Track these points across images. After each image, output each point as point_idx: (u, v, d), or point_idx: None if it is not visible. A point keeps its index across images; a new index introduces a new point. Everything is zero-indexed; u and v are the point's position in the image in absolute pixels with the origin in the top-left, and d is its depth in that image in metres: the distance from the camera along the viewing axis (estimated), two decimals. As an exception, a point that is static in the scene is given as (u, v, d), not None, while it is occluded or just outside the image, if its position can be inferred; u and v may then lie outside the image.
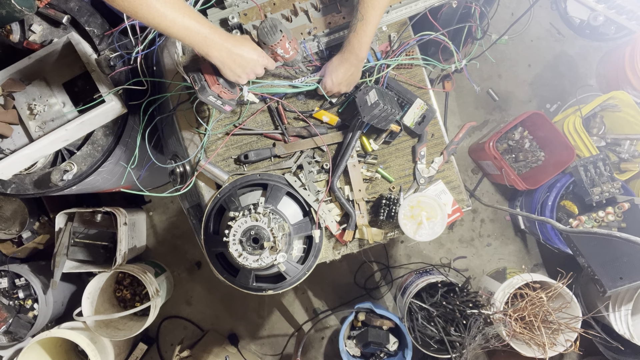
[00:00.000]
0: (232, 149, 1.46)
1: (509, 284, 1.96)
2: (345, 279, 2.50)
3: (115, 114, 1.46)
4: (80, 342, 1.99)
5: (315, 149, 1.44)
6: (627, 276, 1.72)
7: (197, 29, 1.06)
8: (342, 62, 1.29)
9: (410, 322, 1.97)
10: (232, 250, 1.25)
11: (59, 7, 1.47)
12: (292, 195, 1.42)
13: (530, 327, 1.82)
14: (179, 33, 1.05)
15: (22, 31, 1.50)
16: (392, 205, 1.37)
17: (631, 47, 2.15)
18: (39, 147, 1.40)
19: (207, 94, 1.18)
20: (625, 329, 1.94)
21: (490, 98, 2.56)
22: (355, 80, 1.36)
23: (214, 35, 1.08)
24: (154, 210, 2.56)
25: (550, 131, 2.19)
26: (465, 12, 1.51)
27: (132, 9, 0.99)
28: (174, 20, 1.02)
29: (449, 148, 1.45)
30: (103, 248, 2.21)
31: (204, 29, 1.07)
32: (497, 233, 2.53)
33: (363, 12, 1.20)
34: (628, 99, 2.14)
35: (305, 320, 2.49)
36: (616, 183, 2.02)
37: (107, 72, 1.44)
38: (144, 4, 0.98)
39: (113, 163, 1.57)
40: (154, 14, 1.00)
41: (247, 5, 1.40)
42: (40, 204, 2.26)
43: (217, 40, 1.09)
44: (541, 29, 2.58)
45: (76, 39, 1.43)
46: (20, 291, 2.17)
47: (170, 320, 2.53)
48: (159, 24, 1.03)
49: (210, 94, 1.18)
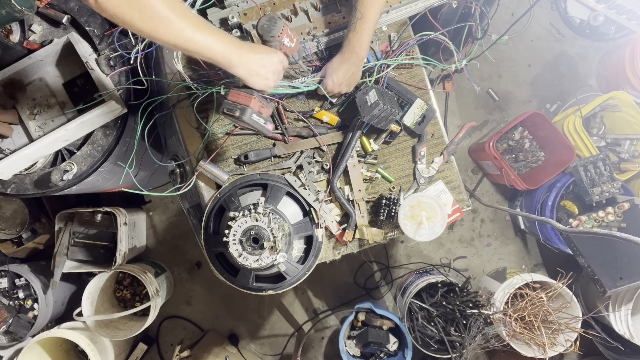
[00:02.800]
0: (232, 149, 1.46)
1: (509, 284, 1.96)
2: (345, 279, 2.50)
3: (115, 114, 1.46)
4: (80, 342, 1.99)
5: (315, 149, 1.44)
6: (627, 276, 1.73)
7: (217, 46, 1.02)
8: (343, 62, 1.29)
9: (410, 322, 1.97)
10: (232, 250, 1.25)
11: (59, 7, 1.47)
12: (292, 195, 1.42)
13: (530, 327, 1.82)
14: (201, 52, 1.02)
15: (22, 31, 1.49)
16: (392, 205, 1.37)
17: (631, 47, 2.15)
18: (39, 147, 1.40)
19: (250, 113, 1.11)
20: (625, 329, 1.94)
21: (490, 98, 2.56)
22: (356, 80, 1.36)
23: (234, 47, 1.05)
24: (154, 210, 2.56)
25: (550, 131, 2.19)
26: (465, 12, 1.51)
27: (150, 29, 0.94)
28: (192, 40, 0.99)
29: (449, 148, 1.45)
30: (103, 248, 2.21)
31: (224, 45, 1.03)
32: (497, 233, 2.53)
33: (362, 10, 1.20)
34: (628, 99, 2.14)
35: (305, 320, 2.49)
36: (616, 183, 2.02)
37: (107, 72, 1.44)
38: (163, 23, 0.94)
39: (113, 163, 1.57)
40: (173, 33, 0.96)
41: (246, 5, 1.40)
42: (40, 204, 2.26)
43: (238, 52, 1.06)
44: (541, 29, 2.58)
45: (76, 39, 1.43)
46: (20, 291, 2.17)
47: (170, 320, 2.53)
48: (182, 46, 0.99)
49: (252, 112, 1.12)
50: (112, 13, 0.90)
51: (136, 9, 0.90)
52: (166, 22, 0.94)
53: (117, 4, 0.89)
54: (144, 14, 0.91)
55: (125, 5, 0.90)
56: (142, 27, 0.94)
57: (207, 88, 1.39)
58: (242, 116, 1.11)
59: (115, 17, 0.91)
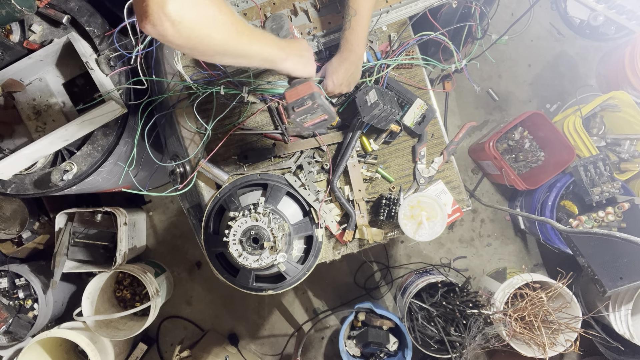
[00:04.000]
0: (232, 149, 1.46)
1: (509, 284, 1.96)
2: (345, 279, 2.50)
3: (115, 114, 1.46)
4: (80, 342, 1.99)
5: (315, 149, 1.44)
6: (627, 276, 1.72)
7: (267, 50, 1.01)
8: (342, 61, 1.28)
9: (410, 322, 1.97)
10: (232, 250, 1.25)
11: (59, 7, 1.47)
12: (292, 195, 1.42)
13: (530, 327, 1.82)
14: (251, 62, 1.01)
15: (22, 31, 1.49)
16: (392, 205, 1.37)
17: (631, 47, 2.15)
18: (39, 147, 1.40)
19: (319, 96, 1.08)
20: (625, 329, 1.94)
21: (490, 98, 2.56)
22: (356, 80, 1.35)
23: (280, 46, 1.05)
24: (154, 210, 2.56)
25: (550, 131, 2.19)
26: (465, 12, 1.51)
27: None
28: (249, 51, 0.97)
29: (449, 148, 1.45)
30: (103, 248, 2.21)
31: (272, 48, 1.02)
32: (497, 233, 2.53)
33: (355, 6, 1.19)
34: (628, 99, 2.14)
35: (305, 320, 2.48)
36: (616, 183, 2.02)
37: (107, 72, 1.44)
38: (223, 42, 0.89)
39: (113, 163, 1.57)
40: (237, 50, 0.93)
41: (247, 5, 1.40)
42: (40, 204, 2.26)
43: (283, 49, 1.06)
44: (541, 29, 2.58)
45: (76, 39, 1.43)
46: (20, 291, 2.16)
47: (170, 320, 2.53)
48: (239, 61, 0.98)
49: (320, 95, 1.09)
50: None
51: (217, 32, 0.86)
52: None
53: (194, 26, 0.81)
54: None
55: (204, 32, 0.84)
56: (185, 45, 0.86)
57: (207, 88, 1.39)
58: (316, 101, 1.06)
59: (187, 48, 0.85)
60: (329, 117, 1.18)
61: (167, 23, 0.77)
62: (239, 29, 0.91)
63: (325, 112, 1.14)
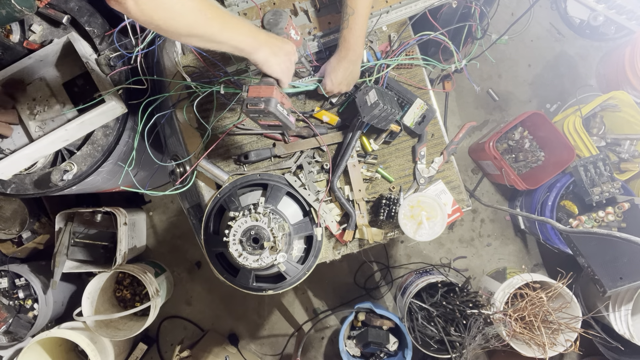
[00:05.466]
0: (232, 149, 1.46)
1: (509, 284, 1.96)
2: (345, 279, 2.50)
3: (115, 113, 1.46)
4: (80, 342, 1.99)
5: (315, 149, 1.44)
6: (627, 276, 1.73)
7: (239, 38, 1.01)
8: (341, 61, 1.28)
9: (410, 322, 1.97)
10: (232, 250, 1.25)
11: (59, 7, 1.47)
12: (292, 195, 1.42)
13: (530, 327, 1.82)
14: (223, 48, 1.01)
15: (22, 31, 1.49)
16: (392, 205, 1.37)
17: (631, 47, 2.15)
18: (39, 147, 1.40)
19: (275, 103, 1.07)
20: (625, 329, 1.94)
21: (490, 98, 2.56)
22: (355, 79, 1.35)
23: (255, 36, 1.04)
24: (154, 210, 2.56)
25: (550, 131, 2.19)
26: (465, 12, 1.51)
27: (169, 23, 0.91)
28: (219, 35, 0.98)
29: (449, 148, 1.45)
30: (103, 248, 2.21)
31: (244, 36, 1.02)
32: (497, 233, 2.53)
33: (352, 5, 1.19)
34: (628, 99, 2.14)
35: (305, 320, 2.48)
36: (616, 183, 2.02)
37: (107, 71, 1.44)
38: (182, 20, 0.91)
39: (113, 163, 1.57)
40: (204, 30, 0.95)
41: (246, 5, 1.40)
42: (40, 204, 2.26)
43: (258, 39, 1.05)
44: (541, 29, 2.58)
45: (76, 39, 1.43)
46: (20, 291, 2.17)
47: (170, 320, 2.53)
48: (212, 45, 0.99)
49: (277, 102, 1.07)
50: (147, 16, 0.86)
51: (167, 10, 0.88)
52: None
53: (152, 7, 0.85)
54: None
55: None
56: (156, 21, 0.90)
57: (207, 87, 1.39)
58: (268, 107, 1.06)
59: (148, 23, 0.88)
60: (283, 125, 1.17)
61: (130, 1, 0.82)
62: (209, 15, 0.93)
63: (279, 120, 1.13)
